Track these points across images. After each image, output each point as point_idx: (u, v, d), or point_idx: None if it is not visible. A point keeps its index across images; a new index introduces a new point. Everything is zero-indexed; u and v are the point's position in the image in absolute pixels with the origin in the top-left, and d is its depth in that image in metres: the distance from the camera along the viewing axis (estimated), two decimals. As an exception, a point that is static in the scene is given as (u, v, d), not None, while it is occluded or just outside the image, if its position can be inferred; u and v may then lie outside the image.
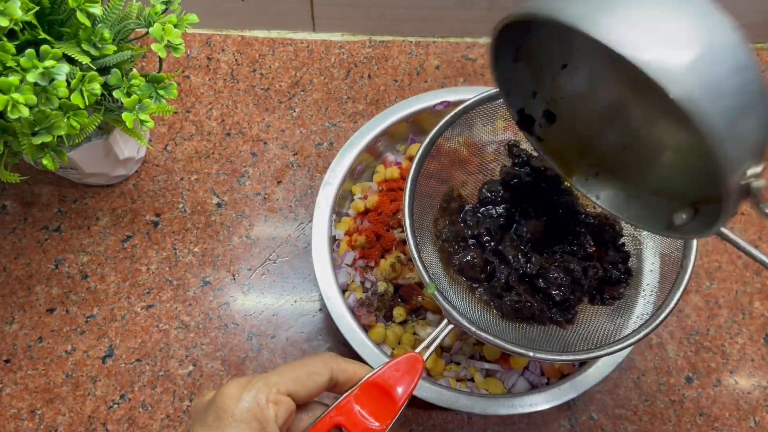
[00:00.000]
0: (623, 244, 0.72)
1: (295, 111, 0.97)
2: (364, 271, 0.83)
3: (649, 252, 0.72)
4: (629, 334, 0.64)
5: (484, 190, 0.74)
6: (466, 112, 0.71)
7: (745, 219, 0.93)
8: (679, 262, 0.66)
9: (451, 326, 0.63)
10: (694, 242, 0.65)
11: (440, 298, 0.64)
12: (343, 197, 0.86)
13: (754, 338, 0.86)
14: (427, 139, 0.70)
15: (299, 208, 0.91)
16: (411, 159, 0.83)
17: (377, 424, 0.55)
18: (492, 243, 0.72)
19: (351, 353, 0.75)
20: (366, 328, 0.78)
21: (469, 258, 0.71)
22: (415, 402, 0.72)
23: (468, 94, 0.75)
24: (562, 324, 0.68)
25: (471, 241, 0.72)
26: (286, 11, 1.00)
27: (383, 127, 0.85)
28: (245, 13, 1.01)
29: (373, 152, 0.87)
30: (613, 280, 0.70)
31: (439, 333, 0.63)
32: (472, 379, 0.79)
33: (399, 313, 0.80)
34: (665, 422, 0.82)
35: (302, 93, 0.99)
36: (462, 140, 0.73)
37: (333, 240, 0.83)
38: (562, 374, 0.78)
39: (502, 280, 0.69)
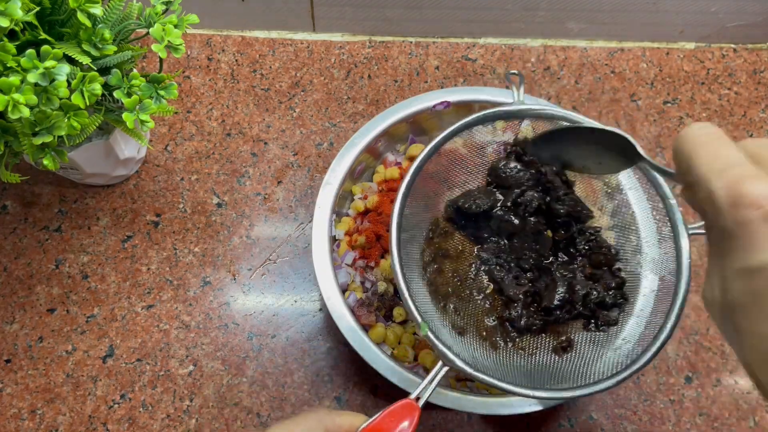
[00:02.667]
0: (619, 269, 0.72)
1: (295, 111, 0.97)
2: (364, 271, 0.83)
3: (643, 276, 0.72)
4: (630, 364, 0.63)
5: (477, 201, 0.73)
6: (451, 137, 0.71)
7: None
8: (673, 286, 0.66)
9: (446, 368, 0.61)
10: (685, 269, 0.66)
11: (434, 338, 0.62)
12: (343, 197, 0.85)
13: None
14: (412, 170, 0.69)
15: (299, 208, 0.91)
16: (411, 159, 0.83)
17: None
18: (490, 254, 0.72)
19: (351, 353, 0.76)
20: (366, 328, 0.78)
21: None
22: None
23: (468, 94, 0.75)
24: (561, 350, 0.69)
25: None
26: (287, 12, 1.00)
27: (383, 127, 0.85)
28: (245, 14, 1.01)
29: (373, 152, 0.87)
30: (608, 305, 0.70)
31: (434, 376, 0.60)
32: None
33: (399, 313, 0.80)
34: (665, 422, 0.82)
35: (302, 93, 0.99)
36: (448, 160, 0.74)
37: (333, 240, 0.83)
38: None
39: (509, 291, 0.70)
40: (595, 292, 0.69)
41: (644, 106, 1.01)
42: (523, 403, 0.73)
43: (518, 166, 0.71)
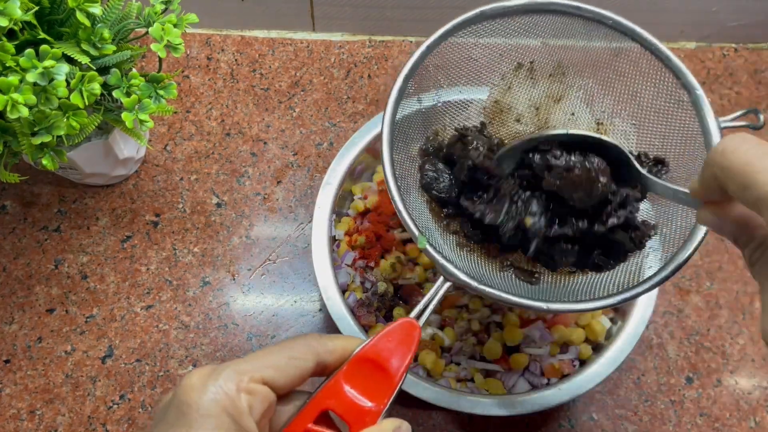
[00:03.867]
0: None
1: (295, 111, 0.97)
2: (364, 271, 0.83)
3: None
4: (650, 277, 0.59)
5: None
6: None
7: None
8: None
9: (447, 284, 0.57)
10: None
11: (432, 251, 0.58)
12: (343, 197, 0.85)
13: (755, 338, 0.86)
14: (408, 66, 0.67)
15: (299, 208, 0.91)
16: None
17: (372, 404, 0.49)
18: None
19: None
20: (366, 329, 0.78)
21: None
22: (414, 402, 0.72)
23: (469, 93, 0.74)
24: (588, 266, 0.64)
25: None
26: (286, 11, 1.00)
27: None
28: (245, 13, 1.01)
29: (373, 152, 0.87)
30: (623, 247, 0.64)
31: (435, 293, 0.56)
32: (472, 380, 0.79)
33: (399, 313, 0.80)
34: (665, 422, 0.82)
35: (302, 93, 0.99)
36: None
37: (333, 240, 0.83)
38: (563, 374, 0.78)
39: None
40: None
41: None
42: (523, 404, 0.73)
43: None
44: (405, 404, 0.80)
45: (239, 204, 0.91)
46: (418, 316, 0.55)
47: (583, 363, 0.79)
